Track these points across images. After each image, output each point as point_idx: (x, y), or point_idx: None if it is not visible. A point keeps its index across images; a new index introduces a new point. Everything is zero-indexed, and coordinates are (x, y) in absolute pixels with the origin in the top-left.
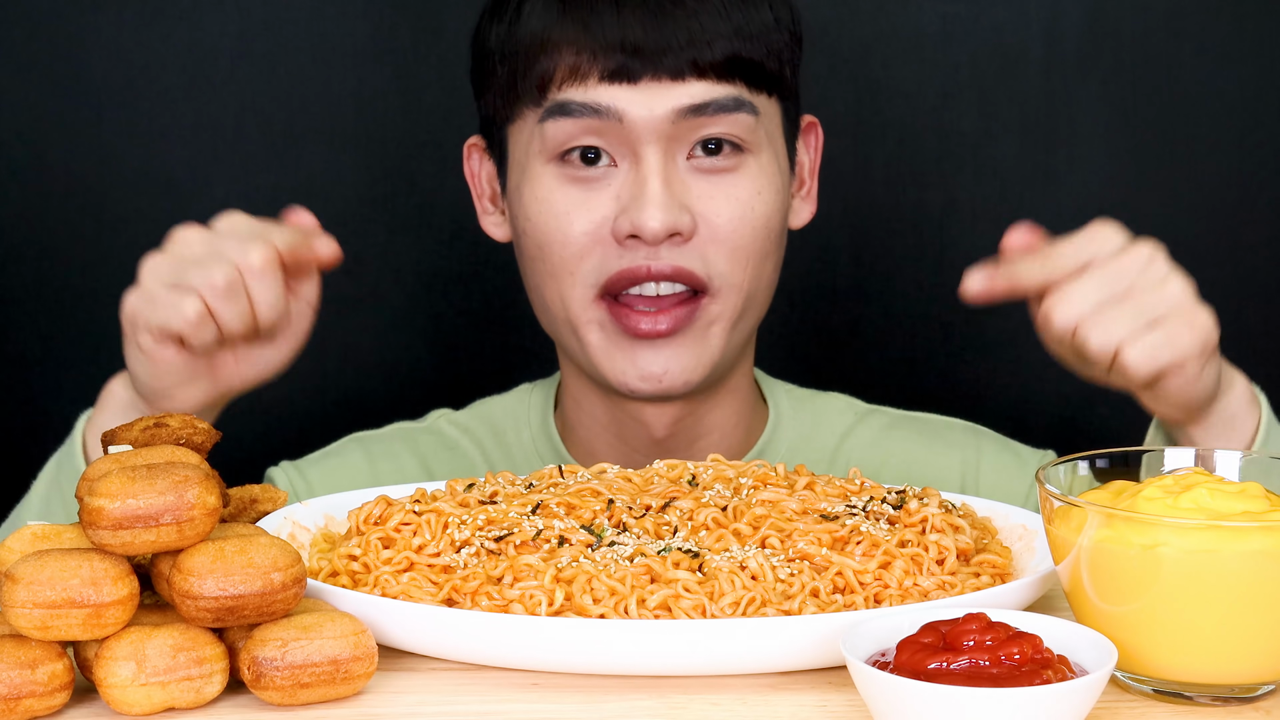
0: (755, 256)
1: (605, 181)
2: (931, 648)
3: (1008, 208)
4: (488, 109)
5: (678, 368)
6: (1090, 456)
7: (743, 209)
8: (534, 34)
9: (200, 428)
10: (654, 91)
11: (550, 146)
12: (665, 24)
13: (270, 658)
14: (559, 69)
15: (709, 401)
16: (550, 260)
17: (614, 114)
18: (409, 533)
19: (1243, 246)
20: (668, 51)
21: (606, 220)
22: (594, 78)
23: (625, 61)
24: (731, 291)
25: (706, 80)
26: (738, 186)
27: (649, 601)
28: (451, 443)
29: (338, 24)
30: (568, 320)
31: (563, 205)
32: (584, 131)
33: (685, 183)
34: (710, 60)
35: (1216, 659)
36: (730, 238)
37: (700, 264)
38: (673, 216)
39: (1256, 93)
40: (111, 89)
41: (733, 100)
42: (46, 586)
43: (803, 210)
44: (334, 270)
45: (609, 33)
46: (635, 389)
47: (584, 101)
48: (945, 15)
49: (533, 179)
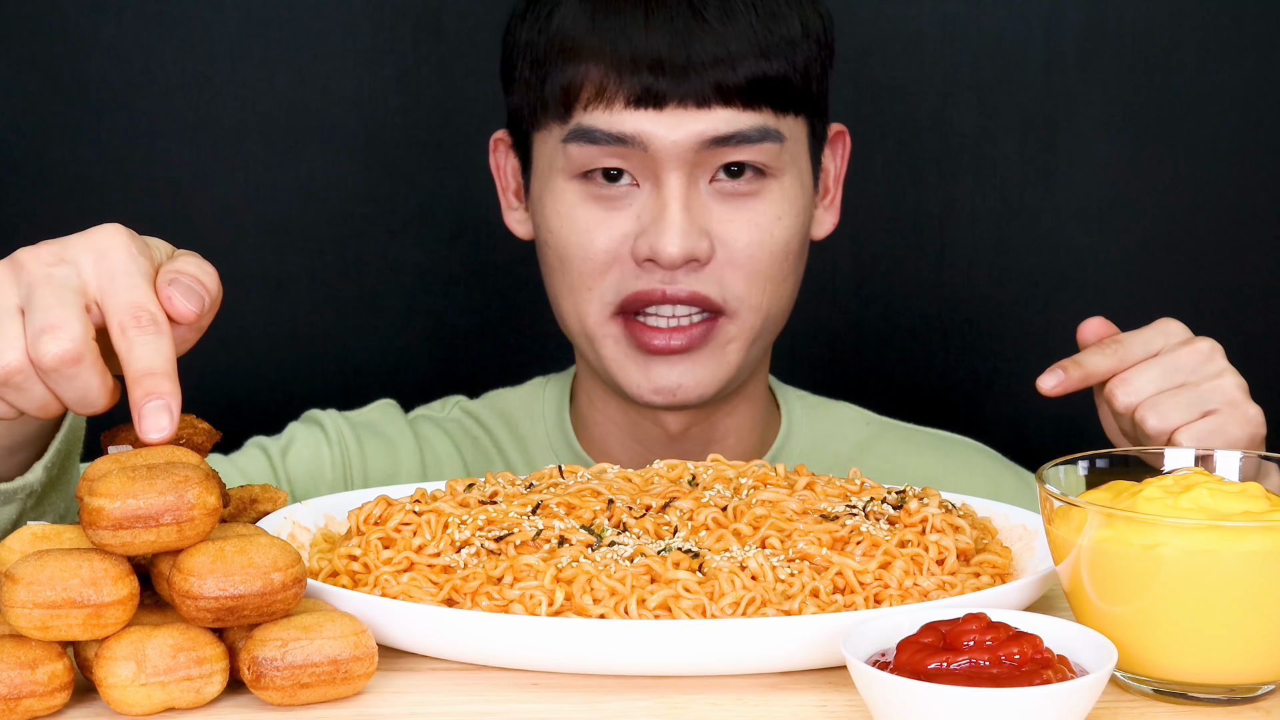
0: (774, 280)
1: (627, 200)
2: (931, 648)
3: (1008, 208)
4: (514, 108)
5: (692, 381)
6: (1090, 456)
7: (762, 234)
8: (562, 41)
9: (200, 428)
10: (679, 118)
11: (573, 167)
12: (691, 41)
13: (270, 658)
14: (585, 86)
15: (725, 407)
16: (570, 274)
17: (639, 142)
18: (409, 533)
19: (1243, 246)
20: (693, 72)
21: (627, 238)
22: (619, 102)
23: (651, 83)
24: (749, 313)
25: (732, 107)
26: (758, 212)
27: (649, 601)
28: (472, 433)
29: (338, 24)
30: (584, 332)
31: (584, 222)
32: (608, 155)
33: (706, 206)
34: (735, 83)
35: (1216, 659)
36: (748, 263)
37: (716, 288)
38: (690, 243)
39: (1256, 93)
40: (111, 89)
41: (758, 131)
42: (46, 586)
43: (825, 220)
44: (334, 270)
45: (636, 48)
46: (649, 400)
47: (609, 131)
48: (945, 15)
49: (555, 192)
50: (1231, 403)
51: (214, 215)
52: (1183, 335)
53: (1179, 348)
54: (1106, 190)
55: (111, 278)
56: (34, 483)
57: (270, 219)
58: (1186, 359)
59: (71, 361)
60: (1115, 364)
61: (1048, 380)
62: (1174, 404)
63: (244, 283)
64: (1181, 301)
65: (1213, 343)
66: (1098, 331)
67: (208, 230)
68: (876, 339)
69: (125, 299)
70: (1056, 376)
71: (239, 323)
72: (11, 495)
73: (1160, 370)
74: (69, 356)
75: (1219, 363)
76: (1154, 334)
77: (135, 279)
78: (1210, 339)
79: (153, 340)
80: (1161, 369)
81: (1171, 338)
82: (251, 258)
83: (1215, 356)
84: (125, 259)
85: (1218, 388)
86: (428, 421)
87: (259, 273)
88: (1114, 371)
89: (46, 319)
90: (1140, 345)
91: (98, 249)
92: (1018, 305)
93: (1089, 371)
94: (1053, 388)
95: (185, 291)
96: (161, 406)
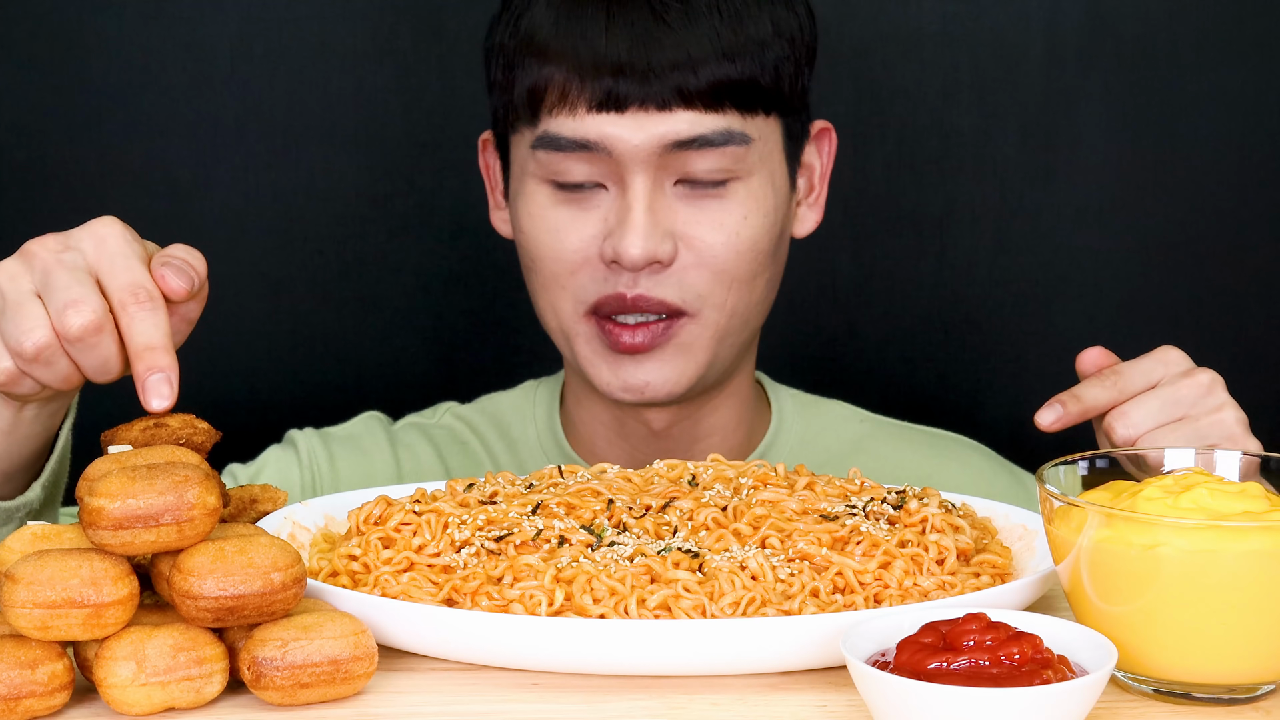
0: (741, 279)
1: (595, 202)
2: (931, 648)
3: (1008, 208)
4: (493, 108)
5: (659, 379)
6: (1090, 456)
7: (727, 235)
8: (529, 44)
9: (200, 428)
10: (641, 121)
11: (541, 172)
12: (652, 44)
13: (270, 658)
14: (550, 89)
15: (709, 404)
16: (543, 273)
17: (602, 147)
18: (409, 533)
19: (1243, 246)
20: (654, 75)
21: (596, 239)
22: (583, 107)
23: (612, 87)
24: (712, 311)
25: (694, 110)
26: (724, 212)
27: (649, 601)
28: (462, 438)
29: (338, 24)
30: (560, 330)
31: (554, 222)
32: (573, 160)
33: (671, 208)
34: (697, 86)
35: (1216, 659)
36: (712, 263)
37: (676, 291)
38: (653, 245)
39: (1256, 93)
40: (111, 89)
41: (720, 134)
42: (46, 586)
43: (808, 217)
44: (334, 270)
45: (597, 52)
46: (620, 398)
47: (573, 137)
48: (945, 15)
49: (527, 195)
50: (1230, 438)
51: (214, 215)
52: (1183, 365)
53: (1179, 379)
54: (1106, 190)
55: (111, 260)
56: (33, 500)
57: (270, 219)
58: (1186, 392)
59: (94, 331)
60: (1114, 396)
61: (1046, 416)
62: (1172, 440)
63: (244, 283)
64: (1180, 301)
65: (1213, 374)
66: (1096, 362)
67: (208, 230)
68: (876, 339)
69: (124, 279)
70: (1055, 412)
71: (239, 323)
72: (13, 514)
73: (1159, 403)
74: (92, 326)
75: (1219, 395)
76: (1153, 364)
77: (132, 261)
78: (1211, 371)
79: (150, 316)
80: (1161, 402)
81: (1171, 367)
82: (251, 258)
83: (1216, 389)
84: (122, 244)
85: (1217, 422)
86: (414, 429)
87: (259, 273)
88: (1113, 404)
89: (67, 295)
90: (1140, 376)
91: (97, 236)
92: (1018, 305)
93: (1087, 406)
94: (1051, 423)
95: (177, 271)
96: (163, 379)
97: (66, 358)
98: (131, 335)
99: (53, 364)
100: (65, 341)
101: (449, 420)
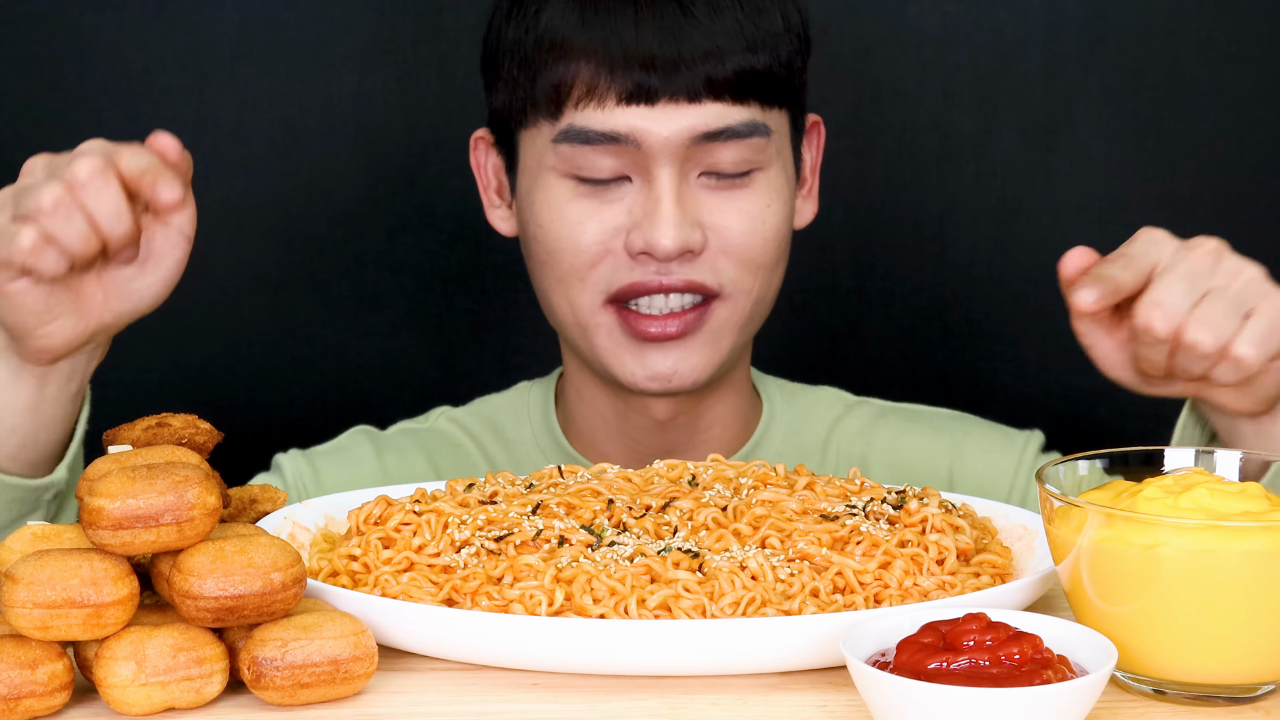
0: (765, 266)
1: (618, 194)
2: (931, 648)
3: (1008, 208)
4: (497, 106)
5: (686, 367)
6: (1090, 456)
7: (754, 222)
8: (551, 38)
9: (202, 428)
10: (671, 113)
11: (565, 166)
12: (681, 36)
13: (270, 658)
14: (576, 83)
15: (711, 397)
16: (560, 267)
17: (631, 139)
18: (409, 533)
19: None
20: (683, 67)
21: (619, 231)
22: (612, 99)
23: (643, 80)
24: (742, 296)
25: (722, 101)
26: (749, 201)
27: (649, 601)
28: (455, 440)
29: (338, 24)
30: (576, 323)
31: (575, 215)
32: (600, 153)
33: (697, 198)
34: (724, 77)
35: (1216, 659)
36: (741, 250)
37: (711, 275)
38: (685, 234)
39: (1257, 92)
40: (111, 89)
41: (746, 125)
42: (46, 586)
43: (805, 210)
44: (334, 270)
45: (626, 45)
46: (644, 388)
47: (601, 129)
48: (945, 15)
49: (545, 188)
50: (1264, 295)
51: (214, 215)
52: (1172, 239)
53: (1185, 254)
54: (1106, 190)
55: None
56: (59, 481)
57: (270, 219)
58: (1201, 263)
59: (102, 173)
60: (1134, 275)
61: (1088, 295)
62: (1219, 315)
63: (244, 283)
64: None
65: (1217, 239)
66: (1080, 264)
67: (208, 230)
68: (876, 339)
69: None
70: (1096, 291)
71: (239, 323)
72: (40, 494)
73: (1185, 284)
74: (99, 168)
75: (1232, 258)
76: (1145, 244)
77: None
78: (1210, 237)
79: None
80: (1184, 282)
81: (1165, 244)
82: (251, 258)
83: (1225, 253)
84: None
85: (1248, 283)
86: (406, 434)
87: (259, 273)
88: (1136, 285)
89: (73, 159)
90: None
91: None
92: (1018, 305)
93: (1118, 285)
94: (1094, 302)
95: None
96: (169, 179)
97: (81, 213)
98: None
99: (70, 219)
100: (77, 188)
101: (442, 424)
